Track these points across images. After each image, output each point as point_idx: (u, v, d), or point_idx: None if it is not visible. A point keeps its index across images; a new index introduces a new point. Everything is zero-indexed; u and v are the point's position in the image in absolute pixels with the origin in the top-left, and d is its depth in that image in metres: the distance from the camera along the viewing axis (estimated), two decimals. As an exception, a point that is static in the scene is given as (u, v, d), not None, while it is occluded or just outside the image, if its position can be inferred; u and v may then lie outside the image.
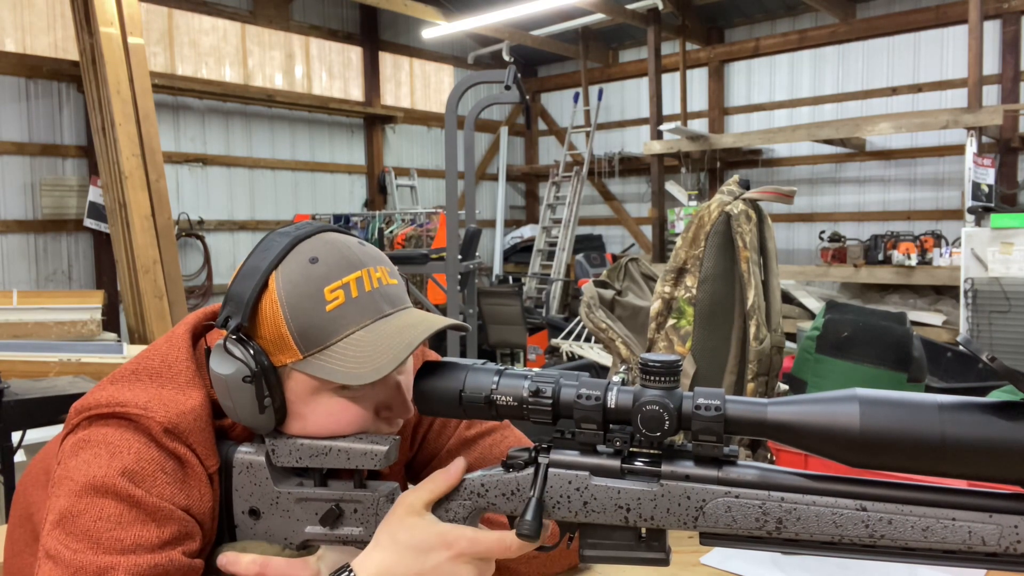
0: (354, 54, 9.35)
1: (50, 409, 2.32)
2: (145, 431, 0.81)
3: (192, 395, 0.85)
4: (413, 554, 0.78)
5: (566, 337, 6.41)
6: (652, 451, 0.76)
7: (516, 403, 0.78)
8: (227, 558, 0.83)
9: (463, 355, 4.86)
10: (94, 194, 6.62)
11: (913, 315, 6.01)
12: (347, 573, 0.78)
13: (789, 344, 4.84)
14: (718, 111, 9.34)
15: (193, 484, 0.83)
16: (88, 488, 0.77)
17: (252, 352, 0.82)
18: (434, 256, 5.14)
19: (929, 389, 3.22)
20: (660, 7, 7.96)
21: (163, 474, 0.80)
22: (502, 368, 0.81)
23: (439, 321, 0.85)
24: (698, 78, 9.38)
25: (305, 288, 0.82)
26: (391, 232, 8.23)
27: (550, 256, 9.79)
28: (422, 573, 0.77)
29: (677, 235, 6.30)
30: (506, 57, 9.31)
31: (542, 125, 11.26)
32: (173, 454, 0.82)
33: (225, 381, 0.82)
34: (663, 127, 7.98)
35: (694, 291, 1.62)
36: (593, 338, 5.35)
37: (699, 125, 9.17)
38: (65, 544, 0.75)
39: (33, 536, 0.89)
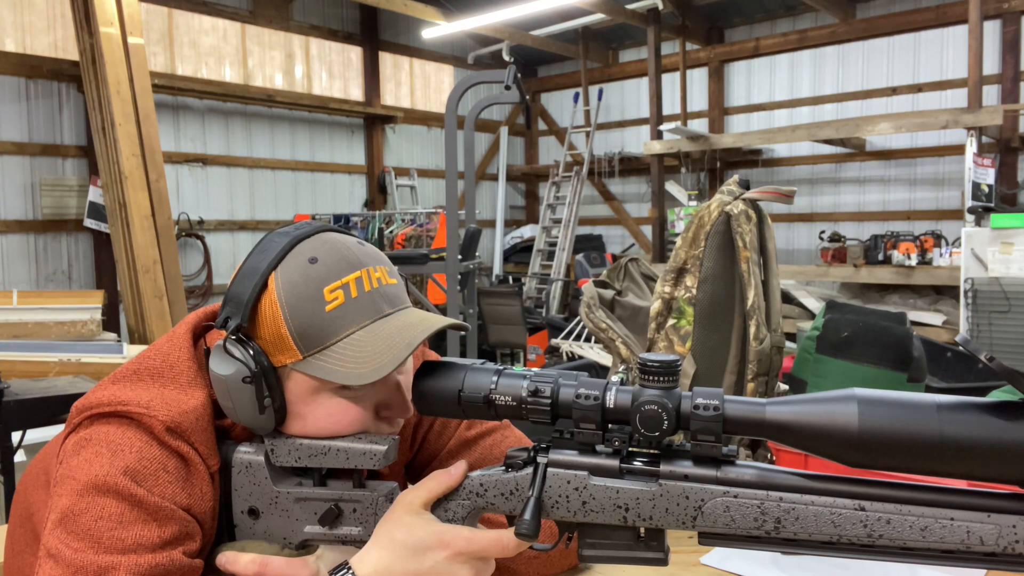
0: (354, 54, 9.35)
1: (50, 409, 2.32)
2: (147, 430, 0.82)
3: (194, 395, 0.85)
4: (410, 553, 0.78)
5: (566, 337, 6.41)
6: (651, 451, 0.76)
7: (515, 403, 0.77)
8: (226, 557, 0.83)
9: (463, 355, 4.86)
10: (94, 194, 6.62)
11: (913, 315, 6.01)
12: (345, 571, 0.78)
13: (789, 344, 4.84)
14: (718, 111, 9.34)
15: (195, 483, 0.83)
16: (90, 487, 0.77)
17: (252, 353, 0.82)
18: (434, 256, 5.14)
19: (929, 389, 3.22)
20: (660, 7, 7.95)
21: (165, 473, 0.80)
22: (501, 368, 0.80)
23: (439, 321, 0.85)
24: (698, 78, 9.38)
25: (304, 288, 0.82)
26: (391, 232, 8.23)
27: (550, 256, 9.79)
28: (419, 572, 0.77)
29: (677, 235, 6.30)
30: (506, 57, 9.32)
31: (542, 125, 11.25)
32: (175, 453, 0.82)
33: (225, 382, 0.82)
34: (663, 127, 7.97)
35: (694, 291, 1.62)
36: (593, 338, 5.35)
37: (699, 125, 9.16)
38: (66, 543, 0.75)
39: (33, 536, 0.89)
